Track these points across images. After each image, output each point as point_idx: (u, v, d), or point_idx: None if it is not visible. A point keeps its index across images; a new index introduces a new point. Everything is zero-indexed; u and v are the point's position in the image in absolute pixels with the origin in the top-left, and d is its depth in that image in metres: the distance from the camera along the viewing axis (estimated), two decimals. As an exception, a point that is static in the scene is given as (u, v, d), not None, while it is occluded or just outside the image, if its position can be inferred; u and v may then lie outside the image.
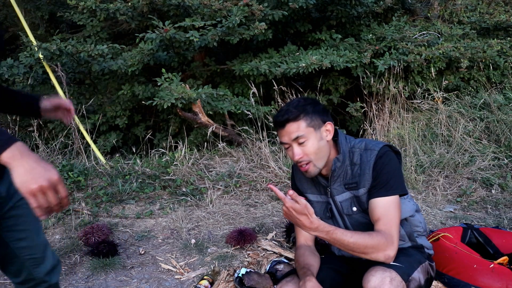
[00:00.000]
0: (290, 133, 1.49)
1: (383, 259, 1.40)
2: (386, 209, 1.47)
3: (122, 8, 4.01)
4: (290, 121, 1.49)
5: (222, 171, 3.51)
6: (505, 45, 4.78)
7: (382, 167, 1.51)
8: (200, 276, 2.20)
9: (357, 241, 1.38)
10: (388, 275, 1.35)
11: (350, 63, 4.07)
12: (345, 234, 1.39)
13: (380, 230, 1.43)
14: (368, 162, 1.53)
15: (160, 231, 2.72)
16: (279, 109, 1.57)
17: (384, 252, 1.39)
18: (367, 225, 1.58)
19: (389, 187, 1.49)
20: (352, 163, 1.56)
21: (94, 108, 4.56)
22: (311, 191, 1.66)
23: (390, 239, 1.41)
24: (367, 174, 1.52)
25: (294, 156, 1.51)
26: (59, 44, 3.71)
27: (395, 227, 1.44)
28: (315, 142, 1.51)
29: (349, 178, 1.56)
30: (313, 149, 1.50)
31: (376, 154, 1.52)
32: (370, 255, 1.40)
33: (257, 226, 2.71)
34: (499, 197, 2.99)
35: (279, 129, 1.53)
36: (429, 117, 4.17)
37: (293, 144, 1.50)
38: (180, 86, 3.61)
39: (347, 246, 1.38)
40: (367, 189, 1.53)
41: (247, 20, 3.83)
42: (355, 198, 1.56)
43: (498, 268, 1.82)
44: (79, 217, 2.86)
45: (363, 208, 1.56)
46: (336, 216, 1.62)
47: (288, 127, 1.49)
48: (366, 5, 4.53)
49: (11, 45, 7.30)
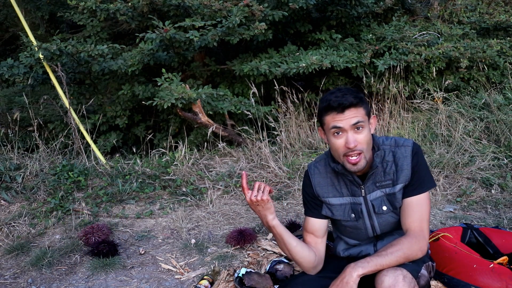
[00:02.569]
0: (351, 118, 1.43)
1: (421, 255, 1.47)
2: (419, 206, 1.52)
3: (122, 8, 4.01)
4: (353, 106, 1.43)
5: (222, 171, 3.51)
6: (505, 45, 4.79)
7: (418, 164, 1.53)
8: (200, 276, 2.20)
9: (396, 256, 1.42)
10: (400, 273, 1.37)
11: (350, 63, 4.08)
12: (382, 256, 1.42)
13: (410, 228, 1.49)
14: (405, 158, 1.53)
15: (160, 231, 2.72)
16: (330, 93, 1.47)
17: (421, 249, 1.46)
18: (395, 224, 1.60)
19: (424, 183, 1.53)
20: (383, 160, 1.55)
21: (94, 108, 4.56)
22: (333, 194, 1.63)
23: (421, 235, 1.48)
24: (406, 170, 1.53)
25: (349, 143, 1.43)
26: (59, 44, 3.72)
27: (425, 222, 1.51)
28: (368, 132, 1.48)
29: (381, 176, 1.56)
30: (367, 139, 1.47)
31: (411, 150, 1.54)
32: (412, 259, 1.45)
33: (257, 226, 2.71)
34: (499, 197, 2.99)
35: (336, 113, 1.43)
36: (429, 117, 4.17)
37: (350, 131, 1.44)
38: (180, 86, 3.61)
39: (390, 265, 1.41)
40: (404, 185, 1.54)
41: (247, 20, 3.83)
42: (387, 196, 1.56)
43: (498, 268, 1.82)
44: (79, 217, 2.86)
45: (393, 207, 1.57)
46: (364, 217, 1.61)
47: (348, 112, 1.43)
48: (366, 5, 4.53)
49: (11, 45, 7.31)
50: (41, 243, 2.60)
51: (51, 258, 2.39)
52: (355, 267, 1.38)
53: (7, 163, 3.29)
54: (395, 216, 1.58)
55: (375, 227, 1.61)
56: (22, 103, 4.86)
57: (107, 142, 4.28)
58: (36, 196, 3.07)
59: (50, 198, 3.03)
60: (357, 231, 1.65)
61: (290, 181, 3.33)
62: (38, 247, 2.55)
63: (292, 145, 3.91)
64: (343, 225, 1.67)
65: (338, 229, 1.74)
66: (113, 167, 3.50)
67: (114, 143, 4.27)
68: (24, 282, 2.23)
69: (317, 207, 1.67)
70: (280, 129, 3.90)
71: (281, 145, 3.85)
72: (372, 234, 1.64)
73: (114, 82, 4.52)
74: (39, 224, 2.79)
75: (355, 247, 1.70)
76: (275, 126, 3.91)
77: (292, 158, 3.66)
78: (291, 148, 3.86)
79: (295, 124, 4.04)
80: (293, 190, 3.19)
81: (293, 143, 3.93)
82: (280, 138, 3.85)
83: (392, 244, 1.46)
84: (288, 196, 3.15)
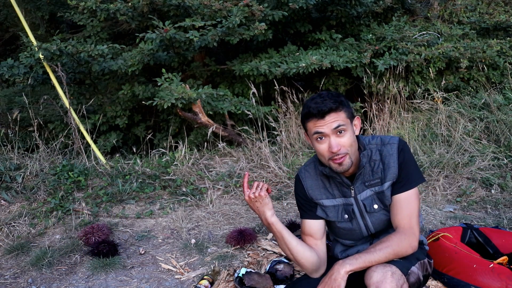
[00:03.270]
0: (331, 123, 1.45)
1: (411, 252, 1.47)
2: (408, 202, 1.52)
3: (122, 9, 4.01)
4: (333, 111, 1.45)
5: (222, 171, 3.52)
6: (505, 45, 4.79)
7: (404, 161, 1.54)
8: (200, 276, 2.20)
9: (385, 253, 1.43)
10: (389, 269, 1.39)
11: (350, 63, 4.08)
12: (371, 253, 1.42)
13: (400, 225, 1.50)
14: (391, 156, 1.54)
15: (160, 231, 2.72)
16: (310, 99, 1.50)
17: (410, 245, 1.47)
18: (388, 222, 1.60)
19: (412, 180, 1.54)
20: (371, 160, 1.56)
21: (94, 108, 4.56)
22: (326, 196, 1.64)
23: (411, 231, 1.48)
24: (393, 167, 1.54)
25: (332, 147, 1.46)
26: (59, 44, 3.72)
27: (415, 218, 1.51)
28: (351, 134, 1.49)
29: (369, 176, 1.57)
30: (350, 141, 1.48)
31: (397, 147, 1.55)
32: (401, 255, 1.46)
33: (257, 226, 2.71)
34: (499, 197, 2.99)
35: (317, 119, 1.46)
36: (429, 117, 4.17)
37: (332, 136, 1.46)
38: (180, 86, 3.61)
39: (379, 261, 1.42)
40: (391, 183, 1.55)
41: (247, 20, 3.83)
42: (377, 195, 1.57)
43: (497, 268, 1.82)
44: (79, 217, 2.86)
45: (384, 204, 1.58)
46: (357, 217, 1.62)
47: (329, 117, 1.45)
48: (366, 5, 4.53)
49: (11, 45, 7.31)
50: (41, 243, 2.60)
51: (51, 258, 2.39)
52: (343, 264, 1.40)
53: (7, 163, 3.29)
54: (386, 214, 1.59)
55: (369, 226, 1.62)
56: (22, 103, 4.86)
57: (107, 142, 4.29)
58: (36, 196, 3.07)
59: (50, 198, 3.03)
60: (352, 232, 1.66)
61: (290, 181, 3.33)
62: (38, 247, 2.55)
63: (292, 145, 3.91)
64: (338, 226, 1.67)
65: (333, 231, 1.75)
66: (113, 167, 3.50)
67: (114, 143, 4.27)
68: (24, 282, 2.23)
69: (312, 209, 1.68)
70: (280, 129, 3.91)
71: (281, 145, 3.85)
72: (366, 233, 1.64)
73: (114, 82, 4.52)
74: (39, 224, 2.79)
75: (352, 248, 1.70)
76: (275, 126, 3.92)
77: (292, 158, 3.66)
78: (291, 148, 3.87)
79: (295, 124, 4.04)
80: (293, 190, 3.18)
81: (293, 143, 3.93)
82: (280, 138, 3.85)
83: (381, 241, 1.47)
84: (288, 196, 3.15)
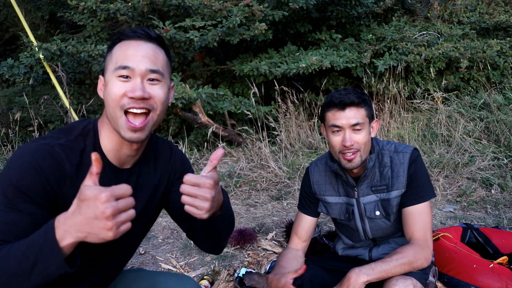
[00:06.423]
0: (350, 118, 1.44)
1: (426, 265, 1.44)
2: (422, 215, 1.49)
3: (122, 9, 4.01)
4: (354, 105, 1.44)
5: (222, 171, 3.51)
6: (505, 45, 4.79)
7: (416, 172, 1.51)
8: (200, 276, 2.20)
9: (401, 264, 1.39)
10: (410, 282, 1.36)
11: (350, 63, 4.08)
12: (387, 263, 1.39)
13: (414, 237, 1.47)
14: (402, 165, 1.52)
15: (160, 231, 2.72)
16: (335, 91, 1.49)
17: (425, 259, 1.44)
18: (387, 230, 1.59)
19: (424, 193, 1.51)
20: (381, 165, 1.55)
21: (94, 108, 4.56)
22: (330, 193, 1.64)
23: (425, 244, 1.46)
24: (402, 177, 1.51)
25: (345, 141, 1.44)
26: (59, 44, 3.72)
27: (428, 232, 1.49)
28: (367, 134, 1.48)
29: (377, 181, 1.55)
30: (364, 140, 1.47)
31: (409, 157, 1.52)
32: (416, 268, 1.42)
33: (257, 226, 2.71)
34: (499, 197, 2.99)
35: (336, 110, 1.45)
36: (429, 117, 4.17)
37: (347, 130, 1.44)
38: (180, 86, 3.61)
39: (395, 273, 1.39)
40: (401, 193, 1.52)
41: (247, 20, 3.83)
42: (381, 202, 1.55)
43: (497, 268, 1.82)
44: (80, 217, 2.86)
45: (387, 213, 1.56)
46: (355, 218, 1.61)
47: (349, 110, 1.44)
48: (366, 5, 4.54)
49: (11, 45, 7.32)
50: (41, 243, 2.60)
51: (51, 258, 2.39)
52: (360, 273, 1.35)
53: (7, 163, 3.29)
54: (387, 222, 1.58)
55: (367, 231, 1.61)
56: (22, 103, 4.87)
57: (107, 142, 4.28)
58: (36, 196, 3.06)
59: (50, 198, 3.02)
60: (351, 231, 1.67)
61: (290, 181, 3.33)
62: (38, 247, 2.55)
63: (292, 145, 3.91)
64: (339, 223, 1.70)
65: (337, 225, 1.77)
66: (113, 167, 3.50)
67: (114, 143, 4.26)
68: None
69: (311, 205, 1.69)
70: (280, 129, 3.91)
71: (281, 145, 3.85)
72: (364, 237, 1.64)
73: (114, 82, 4.52)
74: (39, 224, 2.79)
75: (352, 249, 1.71)
76: (275, 126, 3.91)
77: (292, 158, 3.66)
78: (291, 148, 3.87)
79: (295, 124, 4.04)
80: (293, 190, 3.19)
81: (293, 143, 3.93)
82: (280, 138, 3.85)
83: (397, 251, 1.44)
84: (288, 196, 3.15)
